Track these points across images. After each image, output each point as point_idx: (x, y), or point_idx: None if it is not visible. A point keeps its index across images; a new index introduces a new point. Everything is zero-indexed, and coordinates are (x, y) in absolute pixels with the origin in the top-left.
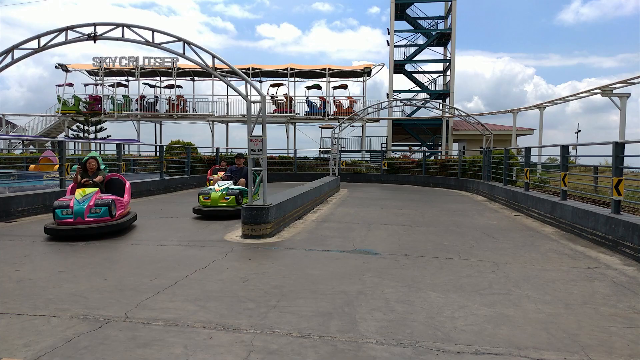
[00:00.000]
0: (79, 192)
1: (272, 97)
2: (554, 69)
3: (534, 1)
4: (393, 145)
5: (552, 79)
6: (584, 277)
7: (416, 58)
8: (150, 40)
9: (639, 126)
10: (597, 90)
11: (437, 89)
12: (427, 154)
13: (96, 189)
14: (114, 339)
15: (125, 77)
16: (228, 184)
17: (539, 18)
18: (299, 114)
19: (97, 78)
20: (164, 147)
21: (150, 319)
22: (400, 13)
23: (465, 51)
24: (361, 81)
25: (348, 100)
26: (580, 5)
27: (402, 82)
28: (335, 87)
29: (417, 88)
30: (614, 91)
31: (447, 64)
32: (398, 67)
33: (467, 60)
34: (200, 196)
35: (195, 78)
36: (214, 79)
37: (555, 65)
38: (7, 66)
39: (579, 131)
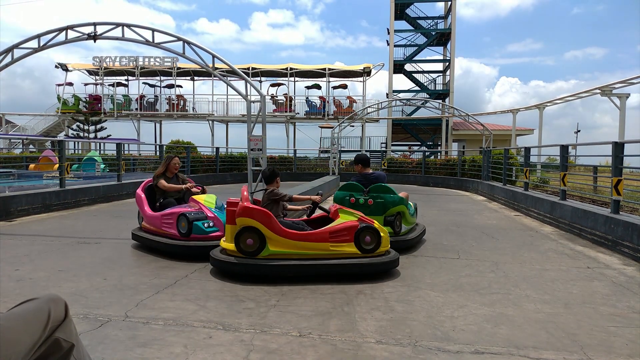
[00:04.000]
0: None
1: (272, 96)
2: (553, 67)
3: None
4: (393, 145)
5: (550, 78)
6: (583, 276)
7: (416, 58)
8: (150, 40)
9: (638, 126)
10: (597, 90)
11: (436, 88)
12: (426, 153)
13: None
14: (114, 338)
15: (125, 77)
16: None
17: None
18: (298, 113)
19: (97, 77)
20: (164, 146)
21: (150, 318)
22: (400, 13)
23: (465, 51)
24: (361, 81)
25: (348, 100)
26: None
27: (401, 81)
28: (335, 87)
29: (417, 88)
30: (614, 91)
31: (447, 63)
32: (398, 67)
33: (466, 60)
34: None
35: (195, 78)
36: (214, 78)
37: (553, 65)
38: (7, 65)
39: (579, 131)
